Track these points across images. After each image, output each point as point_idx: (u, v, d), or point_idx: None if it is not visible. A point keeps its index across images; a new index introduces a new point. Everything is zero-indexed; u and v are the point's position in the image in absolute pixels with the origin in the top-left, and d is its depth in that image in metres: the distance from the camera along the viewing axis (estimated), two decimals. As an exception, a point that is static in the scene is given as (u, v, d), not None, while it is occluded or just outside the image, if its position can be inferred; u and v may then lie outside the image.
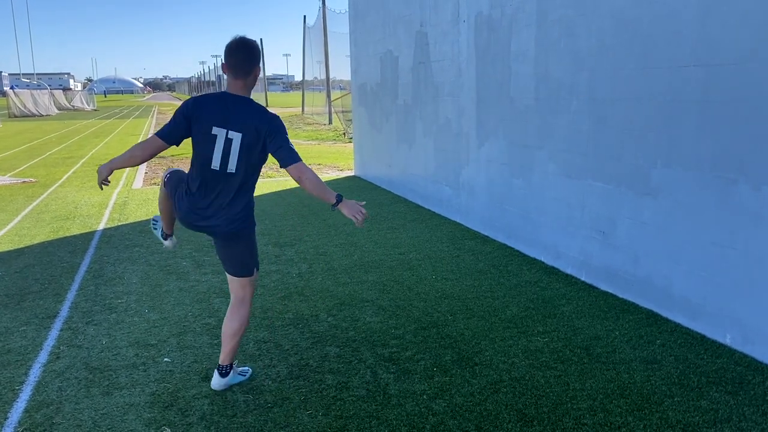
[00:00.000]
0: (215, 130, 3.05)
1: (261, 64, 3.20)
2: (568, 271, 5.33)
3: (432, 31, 7.66)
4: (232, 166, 3.08)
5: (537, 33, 5.51)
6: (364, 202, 3.11)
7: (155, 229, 3.89)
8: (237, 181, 3.11)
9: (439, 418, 3.09)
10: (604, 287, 4.90)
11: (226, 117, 3.05)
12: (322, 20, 26.03)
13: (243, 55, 3.06)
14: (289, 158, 3.06)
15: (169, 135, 3.10)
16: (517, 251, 6.04)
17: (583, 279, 5.14)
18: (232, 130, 3.04)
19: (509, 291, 4.93)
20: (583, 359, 3.70)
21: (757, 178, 3.58)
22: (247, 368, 3.61)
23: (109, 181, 3.23)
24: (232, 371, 3.45)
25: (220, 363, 3.42)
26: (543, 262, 5.65)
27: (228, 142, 3.05)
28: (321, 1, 26.23)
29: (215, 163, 3.08)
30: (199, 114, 3.07)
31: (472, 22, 6.66)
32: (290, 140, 3.10)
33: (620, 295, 4.72)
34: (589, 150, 4.95)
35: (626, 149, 4.56)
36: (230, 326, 3.34)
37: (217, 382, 3.42)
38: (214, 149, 3.07)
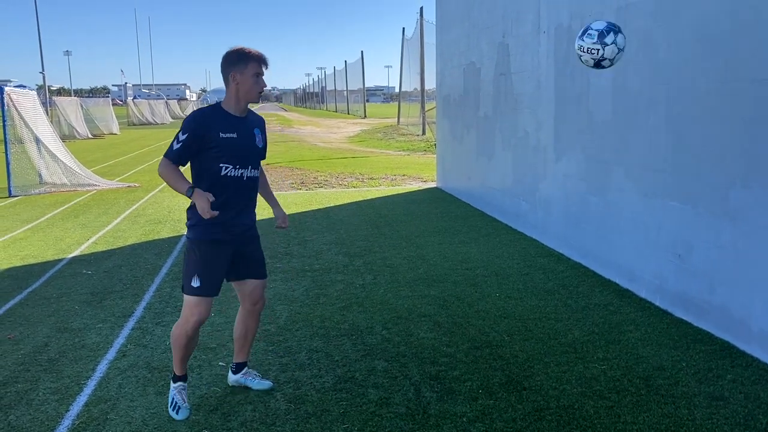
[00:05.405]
0: None
1: (236, 68, 3.18)
2: (642, 294, 5.04)
3: (513, 42, 7.53)
4: None
5: (615, 44, 5.27)
6: (212, 199, 3.00)
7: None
8: None
9: (474, 443, 3.01)
10: (679, 314, 4.59)
11: None
12: (419, 31, 26.23)
13: (221, 70, 3.25)
14: None
15: None
16: (591, 271, 5.78)
17: (657, 304, 4.84)
18: None
19: (575, 313, 4.72)
20: (640, 390, 3.48)
21: None
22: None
23: None
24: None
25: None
26: (617, 284, 5.37)
27: None
28: (419, 13, 26.48)
29: None
30: None
31: (552, 33, 6.48)
32: (179, 136, 3.07)
33: (695, 324, 4.40)
34: (667, 167, 4.67)
35: (704, 168, 4.26)
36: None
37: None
38: None
